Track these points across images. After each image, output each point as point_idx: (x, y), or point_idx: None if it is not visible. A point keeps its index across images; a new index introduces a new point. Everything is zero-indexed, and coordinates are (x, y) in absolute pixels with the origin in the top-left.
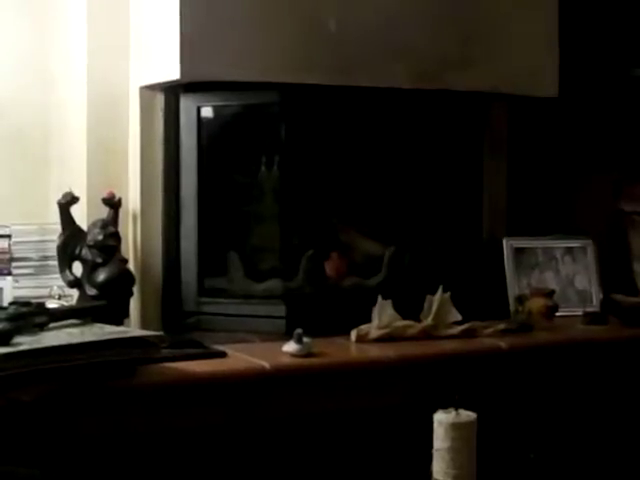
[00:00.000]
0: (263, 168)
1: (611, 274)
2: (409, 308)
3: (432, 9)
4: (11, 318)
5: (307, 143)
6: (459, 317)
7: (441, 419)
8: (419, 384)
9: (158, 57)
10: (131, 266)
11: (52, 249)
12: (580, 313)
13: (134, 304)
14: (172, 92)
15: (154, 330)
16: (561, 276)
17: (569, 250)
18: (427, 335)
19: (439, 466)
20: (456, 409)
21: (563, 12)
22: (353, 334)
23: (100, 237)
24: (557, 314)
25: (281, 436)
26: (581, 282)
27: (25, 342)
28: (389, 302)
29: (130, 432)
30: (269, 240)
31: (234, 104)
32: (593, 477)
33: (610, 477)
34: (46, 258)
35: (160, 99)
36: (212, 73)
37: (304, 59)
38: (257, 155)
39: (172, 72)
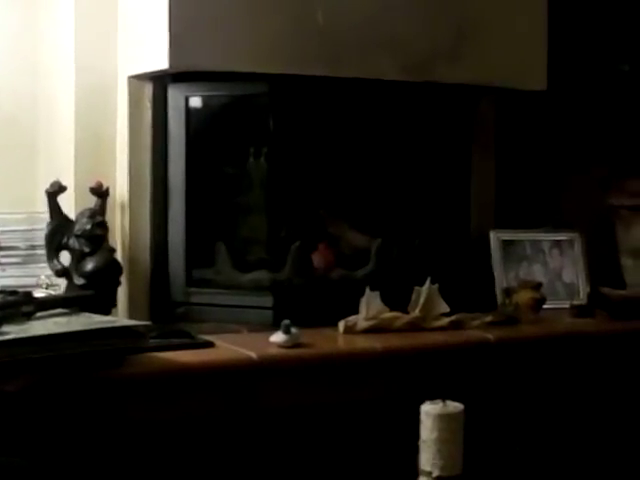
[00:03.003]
0: (251, 159)
1: (599, 267)
2: (397, 300)
3: (422, 1)
4: None
5: (295, 134)
6: (447, 309)
7: (428, 410)
8: (406, 375)
9: (147, 47)
10: (119, 256)
11: (40, 238)
12: (567, 306)
13: (122, 294)
14: (160, 82)
15: (142, 320)
16: (549, 269)
17: (557, 243)
18: (415, 327)
19: (426, 457)
20: (443, 400)
21: (552, 6)
22: (341, 325)
23: (88, 226)
24: (544, 307)
25: (268, 427)
26: (569, 275)
27: (12, 331)
28: (377, 293)
29: (117, 422)
30: (257, 231)
31: (222, 94)
32: (579, 470)
33: (597, 470)
34: (34, 247)
35: (148, 89)
36: (201, 63)
37: (293, 50)
38: (245, 146)
39: (161, 62)
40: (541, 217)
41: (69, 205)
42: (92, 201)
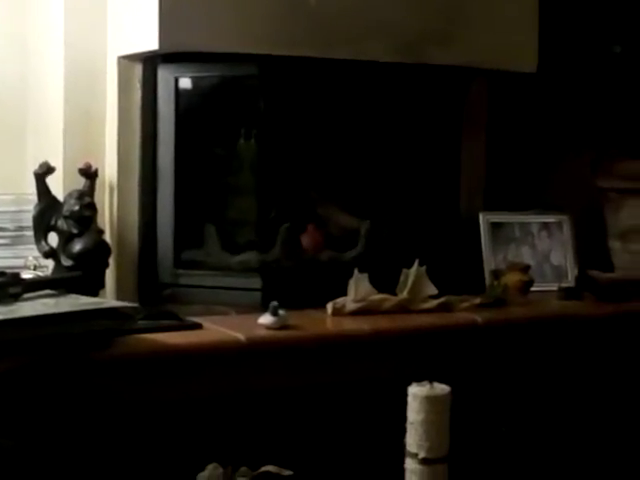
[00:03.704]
0: (241, 140)
1: (587, 250)
2: (385, 282)
3: None
4: None
5: (285, 116)
6: (435, 291)
7: (415, 392)
8: (395, 357)
9: (137, 27)
10: (107, 237)
11: (28, 219)
12: (555, 288)
13: (110, 275)
14: (150, 62)
15: (130, 301)
16: (537, 251)
17: (545, 225)
18: (403, 309)
19: (413, 438)
20: (430, 382)
21: None
22: (329, 307)
23: (76, 208)
24: (533, 289)
25: (256, 409)
26: (557, 257)
27: None
28: (365, 275)
29: (105, 403)
30: (246, 213)
31: (213, 75)
32: (567, 452)
33: (584, 452)
34: (22, 228)
35: (138, 69)
36: (191, 44)
37: (284, 31)
38: (235, 127)
39: (150, 42)
40: (531, 199)
41: (57, 186)
42: (81, 182)
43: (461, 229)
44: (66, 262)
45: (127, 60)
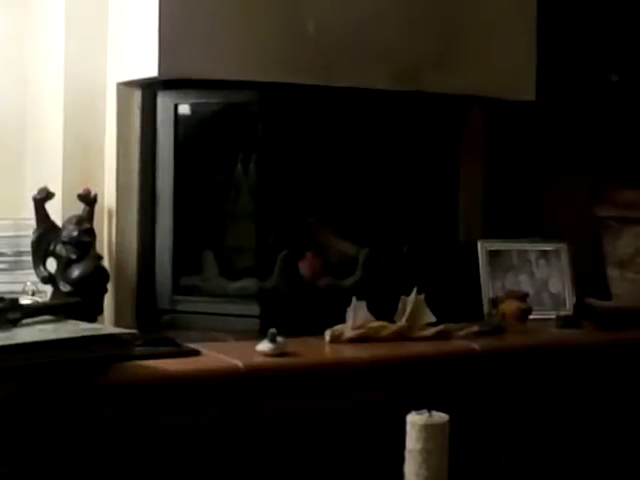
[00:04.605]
0: (240, 167)
1: (585, 278)
2: (383, 309)
3: (412, 11)
4: None
5: (285, 142)
6: (433, 319)
7: (414, 421)
8: (393, 385)
9: (136, 54)
10: (106, 263)
11: (26, 244)
12: (554, 316)
13: (108, 301)
14: (150, 89)
15: (128, 327)
16: (535, 279)
17: (543, 253)
18: (401, 336)
19: (411, 467)
20: (429, 411)
21: (542, 17)
22: (327, 334)
23: (75, 233)
24: (531, 317)
25: (253, 435)
26: (555, 285)
27: None
28: (363, 303)
29: (103, 429)
30: (245, 239)
31: (212, 102)
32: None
33: (580, 478)
34: (20, 253)
35: (137, 96)
36: (190, 71)
37: (283, 58)
38: (234, 154)
39: (150, 69)
40: (529, 226)
41: (56, 212)
42: (80, 208)
43: (459, 256)
44: (64, 287)
45: (126, 86)
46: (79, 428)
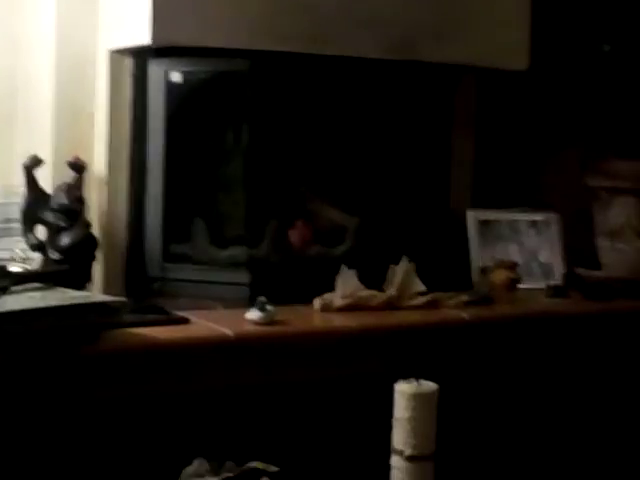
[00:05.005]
0: (231, 135)
1: (575, 248)
2: (373, 278)
3: None
4: None
5: (275, 111)
6: (423, 288)
7: (402, 390)
8: (382, 354)
9: (128, 21)
10: (95, 231)
11: (15, 212)
12: (543, 286)
13: (98, 268)
14: (141, 57)
15: (118, 295)
16: (525, 249)
17: (534, 223)
18: (391, 305)
19: (399, 436)
20: (417, 380)
21: None
22: (317, 303)
23: (64, 201)
24: (521, 287)
25: (242, 404)
26: (545, 255)
27: None
28: (353, 272)
29: (93, 397)
30: (235, 207)
31: (203, 70)
32: (553, 449)
33: (570, 449)
34: (9, 221)
35: (129, 63)
36: (182, 39)
37: (274, 26)
38: (225, 122)
39: (142, 37)
40: (519, 197)
41: (46, 179)
42: (70, 176)
43: (450, 226)
44: (54, 255)
45: (118, 54)
46: (68, 396)
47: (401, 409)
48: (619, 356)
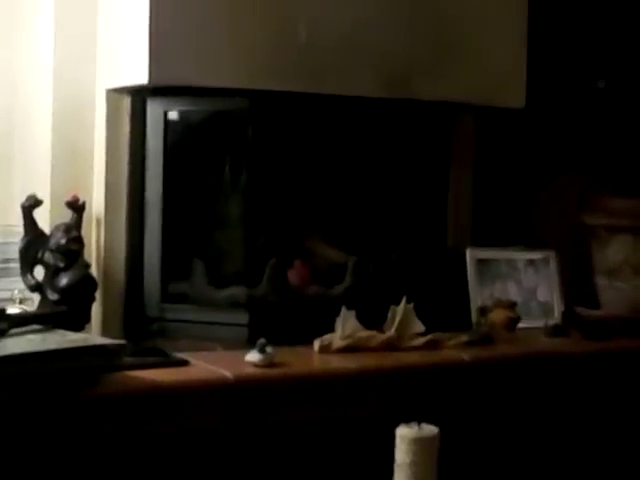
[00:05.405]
0: (229, 175)
1: (573, 286)
2: (373, 318)
3: (402, 19)
4: None
5: (274, 150)
6: (422, 328)
7: (403, 434)
8: (382, 395)
9: (126, 60)
10: (94, 271)
11: (14, 252)
12: (542, 325)
13: (96, 309)
14: (139, 96)
15: (116, 336)
16: (523, 288)
17: (532, 262)
18: (390, 346)
19: None
20: (418, 424)
21: (531, 25)
22: (316, 344)
23: (63, 241)
24: (519, 326)
25: (242, 446)
26: (543, 294)
27: None
28: (352, 312)
29: (93, 441)
30: (233, 247)
31: (202, 109)
32: None
33: None
34: (7, 261)
35: (127, 102)
36: (180, 78)
37: (273, 66)
38: (224, 162)
39: (140, 76)
40: (517, 235)
41: (44, 219)
42: (68, 215)
43: (448, 265)
44: (52, 296)
45: (116, 93)
46: (69, 440)
47: (402, 453)
48: (619, 396)
